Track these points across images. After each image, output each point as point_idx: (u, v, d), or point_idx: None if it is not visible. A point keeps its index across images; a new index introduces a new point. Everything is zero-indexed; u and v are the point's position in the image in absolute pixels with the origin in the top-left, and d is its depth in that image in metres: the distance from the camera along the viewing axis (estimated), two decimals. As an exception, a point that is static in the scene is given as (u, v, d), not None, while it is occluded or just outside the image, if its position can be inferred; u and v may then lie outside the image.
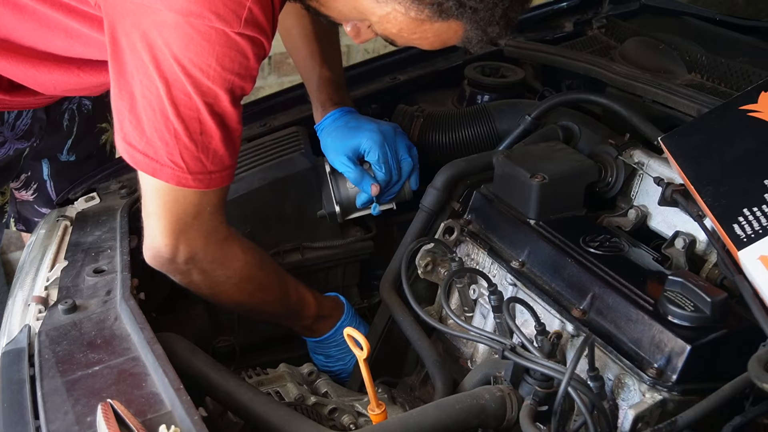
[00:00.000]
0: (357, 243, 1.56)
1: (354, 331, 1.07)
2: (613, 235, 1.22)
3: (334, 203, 1.49)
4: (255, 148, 1.55)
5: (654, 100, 1.45)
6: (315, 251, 1.53)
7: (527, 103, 1.61)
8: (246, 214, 1.45)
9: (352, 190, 1.51)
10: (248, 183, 1.45)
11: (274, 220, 1.48)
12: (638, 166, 1.30)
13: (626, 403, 1.03)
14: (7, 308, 1.25)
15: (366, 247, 1.57)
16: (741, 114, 1.14)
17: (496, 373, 1.12)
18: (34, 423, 0.91)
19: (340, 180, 1.51)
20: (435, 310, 1.42)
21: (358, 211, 1.54)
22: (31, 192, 1.72)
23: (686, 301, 1.01)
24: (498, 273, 1.28)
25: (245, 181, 1.46)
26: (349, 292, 1.62)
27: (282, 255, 1.50)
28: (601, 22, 1.92)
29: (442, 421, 1.01)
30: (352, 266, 1.59)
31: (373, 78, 1.83)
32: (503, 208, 1.30)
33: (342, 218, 1.52)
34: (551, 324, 1.15)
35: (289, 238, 1.51)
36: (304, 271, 1.53)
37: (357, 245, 1.56)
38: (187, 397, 0.89)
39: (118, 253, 1.25)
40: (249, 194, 1.45)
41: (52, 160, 1.69)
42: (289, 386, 1.30)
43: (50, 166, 1.70)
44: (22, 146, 1.51)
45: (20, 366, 1.01)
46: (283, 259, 1.50)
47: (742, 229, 1.01)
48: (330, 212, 1.50)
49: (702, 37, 1.65)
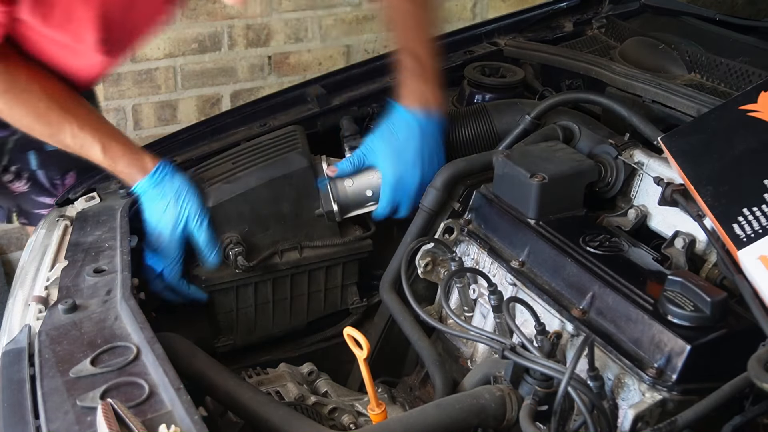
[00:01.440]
0: (356, 242, 1.56)
1: (354, 330, 1.07)
2: (613, 234, 1.22)
3: (332, 201, 1.49)
4: (252, 147, 1.54)
5: (654, 100, 1.46)
6: (313, 250, 1.53)
7: (526, 102, 1.61)
8: (243, 214, 1.45)
9: (350, 189, 1.50)
10: (245, 183, 1.45)
11: (271, 220, 1.48)
12: (638, 165, 1.30)
13: (626, 402, 1.03)
14: (7, 308, 1.25)
15: (365, 245, 1.56)
16: (741, 114, 1.14)
17: (496, 373, 1.12)
18: (34, 422, 0.91)
19: (337, 179, 1.50)
20: (435, 309, 1.42)
21: (356, 210, 1.54)
22: (23, 182, 1.72)
23: (686, 300, 1.01)
24: (498, 273, 1.28)
25: (241, 180, 1.45)
26: (349, 291, 1.61)
27: (281, 254, 1.50)
28: (601, 22, 1.92)
29: (442, 421, 1.01)
30: (351, 265, 1.58)
31: (373, 78, 1.83)
32: (503, 208, 1.30)
33: (340, 217, 1.52)
34: (551, 324, 1.15)
35: (287, 237, 1.50)
36: (302, 270, 1.53)
37: (356, 244, 1.55)
38: (188, 397, 0.89)
39: (118, 253, 1.25)
40: (245, 194, 1.44)
41: (38, 151, 1.69)
42: (289, 386, 1.30)
43: (37, 157, 1.70)
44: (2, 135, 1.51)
45: (20, 365, 1.01)
46: (282, 258, 1.50)
47: (742, 229, 1.01)
48: (328, 211, 1.50)
49: (702, 37, 1.65)
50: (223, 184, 1.45)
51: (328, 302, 1.60)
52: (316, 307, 1.59)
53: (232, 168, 1.48)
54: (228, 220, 1.44)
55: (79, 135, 1.31)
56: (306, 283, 1.55)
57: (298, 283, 1.54)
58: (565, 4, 2.02)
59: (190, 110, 3.05)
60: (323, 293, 1.58)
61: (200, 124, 1.74)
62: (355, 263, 1.59)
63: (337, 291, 1.60)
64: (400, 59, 1.50)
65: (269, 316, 1.55)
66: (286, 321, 1.57)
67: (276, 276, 1.51)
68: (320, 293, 1.58)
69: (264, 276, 1.49)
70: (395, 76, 1.52)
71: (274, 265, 1.49)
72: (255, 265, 1.44)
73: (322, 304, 1.59)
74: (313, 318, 1.60)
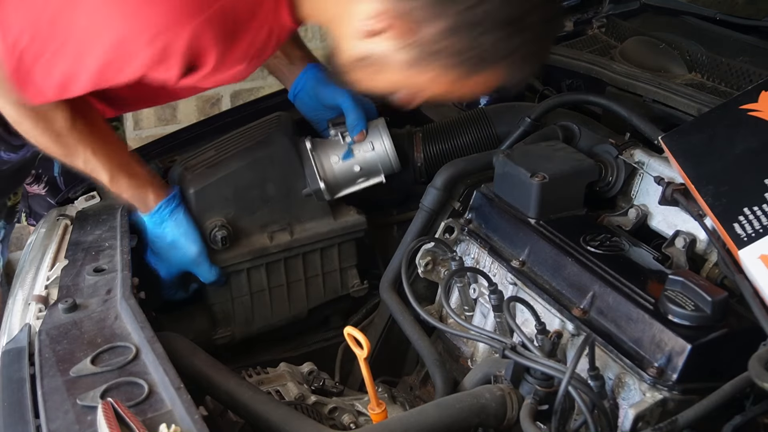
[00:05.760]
0: (349, 218, 1.52)
1: (354, 330, 1.07)
2: (614, 234, 1.22)
3: (318, 179, 1.46)
4: (235, 135, 1.53)
5: (654, 100, 1.46)
6: (305, 231, 1.49)
7: (525, 105, 1.61)
8: (227, 197, 1.43)
9: (336, 166, 1.48)
10: (226, 165, 1.43)
11: (257, 201, 1.45)
12: (638, 165, 1.30)
13: (627, 402, 1.03)
14: (7, 307, 1.25)
15: (359, 222, 1.53)
16: (741, 113, 1.14)
17: (496, 372, 1.12)
18: (34, 422, 0.91)
19: (323, 156, 1.48)
20: (435, 309, 1.42)
21: (347, 188, 1.52)
22: (42, 185, 1.74)
23: (687, 300, 1.01)
24: (498, 272, 1.28)
25: (223, 163, 1.43)
26: (348, 274, 1.58)
27: (271, 236, 1.48)
28: (601, 21, 1.92)
29: (443, 420, 1.01)
30: (347, 246, 1.55)
31: (373, 78, 1.82)
32: (503, 208, 1.30)
33: (330, 196, 1.50)
34: (551, 323, 1.15)
35: (276, 220, 1.48)
36: (296, 253, 1.50)
37: (349, 222, 1.52)
38: (188, 396, 0.89)
39: (118, 252, 1.25)
40: (228, 177, 1.42)
41: None
42: (289, 385, 1.30)
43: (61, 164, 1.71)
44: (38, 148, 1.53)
45: (20, 365, 1.01)
46: (272, 241, 1.47)
47: (743, 228, 1.01)
48: (315, 189, 1.47)
49: (702, 36, 1.65)
50: (205, 169, 1.43)
51: (328, 287, 1.57)
52: (315, 293, 1.57)
53: (214, 155, 1.47)
54: (212, 204, 1.42)
55: (91, 161, 1.34)
56: (301, 267, 1.53)
57: (292, 267, 1.52)
58: (565, 3, 2.02)
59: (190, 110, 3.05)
60: (321, 277, 1.56)
61: (200, 124, 1.75)
62: (352, 244, 1.56)
63: (335, 275, 1.57)
64: None
65: (267, 305, 1.53)
66: (285, 309, 1.55)
67: (268, 261, 1.49)
68: (318, 278, 1.55)
69: (255, 261, 1.47)
70: None
71: (265, 248, 1.47)
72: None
73: (322, 290, 1.57)
74: (314, 305, 1.58)
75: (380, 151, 1.49)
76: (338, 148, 1.49)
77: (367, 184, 1.52)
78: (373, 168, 1.50)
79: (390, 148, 1.49)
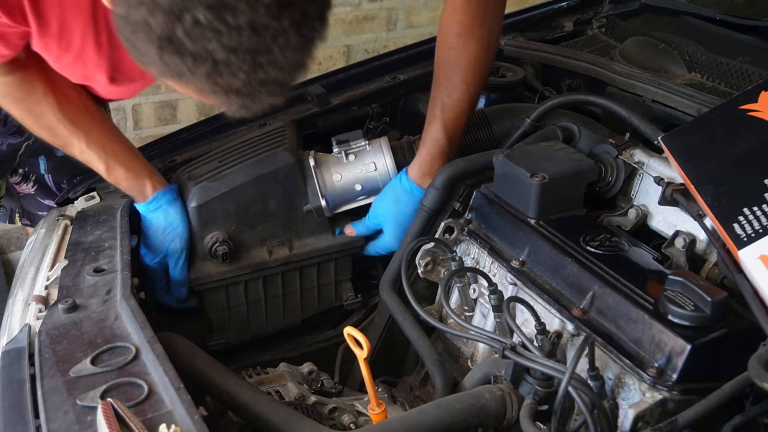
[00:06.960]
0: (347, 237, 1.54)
1: (354, 330, 1.07)
2: (614, 234, 1.22)
3: (320, 197, 1.48)
4: (239, 145, 1.53)
5: (654, 100, 1.46)
6: (304, 246, 1.51)
7: (524, 106, 1.61)
8: (229, 212, 1.44)
9: (338, 183, 1.49)
10: (230, 180, 1.44)
11: (259, 217, 1.47)
12: (638, 165, 1.30)
13: (626, 402, 1.03)
14: (7, 307, 1.25)
15: (356, 239, 1.55)
16: (741, 113, 1.14)
17: (496, 373, 1.12)
18: (34, 422, 0.91)
19: (325, 173, 1.49)
20: (435, 309, 1.42)
21: (346, 205, 1.53)
22: (30, 185, 1.74)
23: (686, 300, 1.01)
24: (498, 272, 1.28)
25: (227, 178, 1.44)
26: (343, 287, 1.60)
27: (270, 251, 1.49)
28: (601, 21, 1.92)
29: (443, 420, 1.01)
30: (343, 260, 1.57)
31: (373, 78, 1.83)
32: (503, 208, 1.30)
33: (330, 212, 1.51)
34: (551, 323, 1.15)
35: (276, 235, 1.49)
36: (293, 267, 1.51)
37: (347, 239, 1.54)
38: (188, 397, 0.89)
39: (118, 253, 1.25)
40: (231, 192, 1.43)
41: (48, 156, 1.71)
42: (289, 385, 1.30)
43: (47, 162, 1.72)
44: (15, 141, 1.54)
45: (20, 365, 1.01)
46: (271, 256, 1.49)
47: (742, 229, 1.01)
48: (316, 206, 1.48)
49: (702, 36, 1.65)
50: (208, 183, 1.44)
51: (322, 299, 1.59)
52: (309, 304, 1.58)
53: (218, 166, 1.48)
54: (214, 218, 1.44)
55: (86, 152, 1.35)
56: (298, 280, 1.54)
57: (289, 280, 1.53)
58: (566, 3, 2.03)
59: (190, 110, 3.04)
60: (316, 290, 1.57)
61: (200, 124, 1.74)
62: (348, 259, 1.58)
63: (330, 287, 1.59)
64: (430, 124, 1.43)
65: (262, 314, 1.54)
66: (279, 318, 1.56)
67: (266, 274, 1.50)
68: (313, 290, 1.57)
69: (254, 274, 1.49)
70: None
71: (264, 262, 1.48)
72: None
73: (316, 301, 1.59)
74: (308, 315, 1.59)
75: (382, 171, 1.51)
76: (341, 165, 1.50)
77: (367, 201, 1.53)
78: (374, 186, 1.52)
79: (392, 168, 1.51)
